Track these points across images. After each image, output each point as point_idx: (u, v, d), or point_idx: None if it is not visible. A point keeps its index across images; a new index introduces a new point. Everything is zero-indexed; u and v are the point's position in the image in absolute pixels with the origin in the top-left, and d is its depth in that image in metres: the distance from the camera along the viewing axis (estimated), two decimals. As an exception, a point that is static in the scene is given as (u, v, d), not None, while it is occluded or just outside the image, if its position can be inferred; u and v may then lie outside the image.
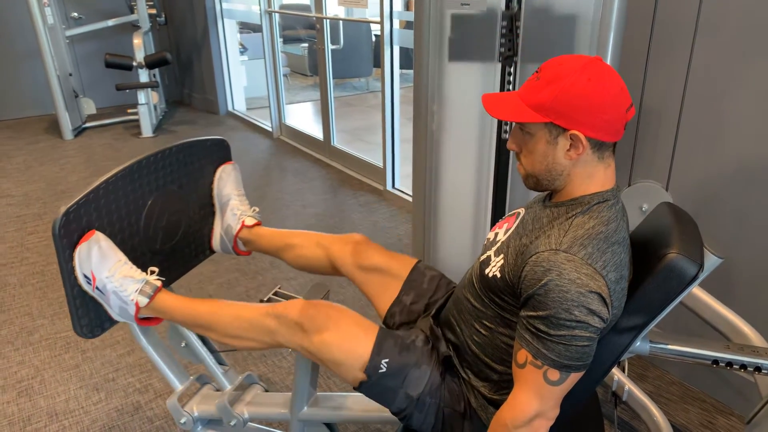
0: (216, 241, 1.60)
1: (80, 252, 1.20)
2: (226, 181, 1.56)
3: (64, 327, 2.28)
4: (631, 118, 0.95)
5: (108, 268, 1.22)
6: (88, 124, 5.18)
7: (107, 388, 1.95)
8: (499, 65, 1.63)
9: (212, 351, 1.55)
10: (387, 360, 1.08)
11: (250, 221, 1.53)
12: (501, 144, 1.71)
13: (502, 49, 1.61)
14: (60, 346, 2.16)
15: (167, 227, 1.43)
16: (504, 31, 1.59)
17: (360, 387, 1.10)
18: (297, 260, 1.46)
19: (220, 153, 1.57)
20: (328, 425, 1.46)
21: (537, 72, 0.94)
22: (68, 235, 1.18)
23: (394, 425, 1.42)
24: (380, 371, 1.07)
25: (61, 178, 3.94)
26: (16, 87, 5.46)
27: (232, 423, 1.48)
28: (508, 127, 1.68)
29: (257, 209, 1.57)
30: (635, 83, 1.81)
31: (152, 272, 1.30)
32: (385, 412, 1.36)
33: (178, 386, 1.53)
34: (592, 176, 0.96)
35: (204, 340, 1.54)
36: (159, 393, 1.92)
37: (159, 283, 1.27)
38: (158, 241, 1.41)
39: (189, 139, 1.46)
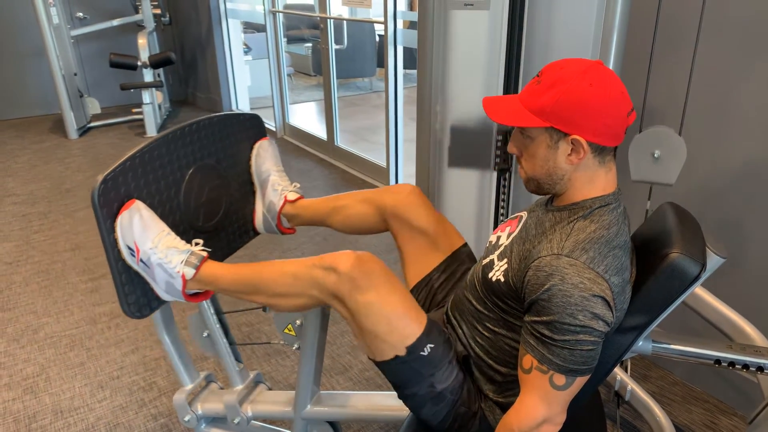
0: (259, 221, 1.55)
1: (122, 221, 1.15)
2: (264, 157, 1.52)
3: (69, 325, 2.30)
4: (632, 122, 0.95)
5: (151, 239, 1.16)
6: (92, 124, 5.20)
7: (112, 385, 1.96)
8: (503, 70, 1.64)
9: (231, 343, 1.52)
10: (432, 346, 1.04)
11: (292, 195, 1.49)
12: (504, 145, 1.71)
13: (498, 160, 1.66)
14: (65, 344, 2.18)
15: (208, 204, 1.38)
16: (499, 144, 1.63)
17: (386, 362, 1.04)
18: (346, 221, 1.41)
19: (255, 129, 1.52)
20: (332, 423, 1.47)
21: (538, 76, 0.95)
22: (107, 204, 1.13)
23: (398, 423, 1.43)
24: (421, 353, 1.03)
25: (66, 177, 3.96)
26: (21, 86, 5.48)
27: (236, 421, 1.49)
28: (499, 152, 1.70)
29: (298, 185, 1.53)
30: (639, 85, 1.81)
31: (197, 244, 1.24)
32: (388, 411, 1.37)
33: (188, 383, 1.53)
34: (594, 180, 0.96)
35: (226, 331, 1.51)
36: (163, 391, 1.93)
37: (205, 254, 1.21)
38: (200, 218, 1.36)
39: (222, 113, 1.43)
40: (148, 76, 4.86)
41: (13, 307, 2.43)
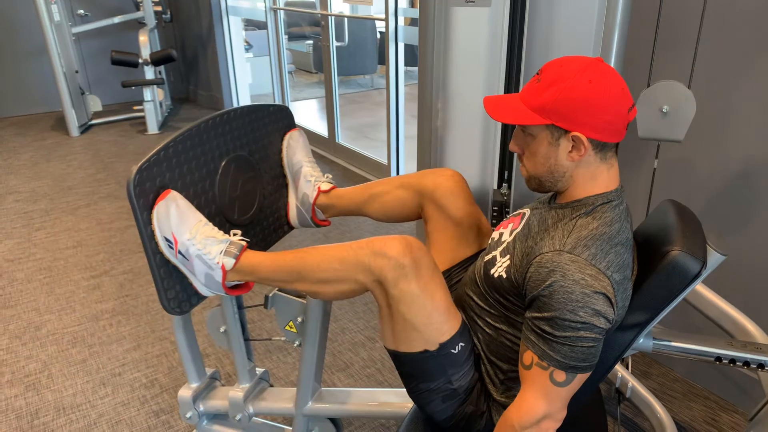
0: (293, 215, 1.52)
1: (158, 212, 1.12)
2: (295, 149, 1.49)
3: (71, 322, 2.30)
4: (632, 118, 0.95)
5: (189, 230, 1.13)
6: (94, 121, 5.20)
7: (114, 382, 1.96)
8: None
9: (247, 339, 1.51)
10: (463, 345, 1.03)
11: (326, 186, 1.46)
12: (505, 142, 1.71)
13: (494, 221, 1.66)
14: (67, 341, 2.18)
15: (243, 197, 1.37)
16: (495, 213, 1.64)
17: (412, 354, 1.02)
18: (383, 208, 1.37)
19: (285, 120, 1.49)
20: (333, 420, 1.47)
21: (538, 74, 0.95)
22: (144, 195, 1.10)
23: (398, 420, 1.43)
24: (451, 351, 1.02)
25: (68, 175, 3.96)
26: (22, 84, 5.49)
27: (238, 418, 1.50)
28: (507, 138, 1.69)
29: (330, 176, 1.50)
30: (640, 82, 1.81)
31: (235, 234, 1.20)
32: (389, 407, 1.37)
33: (195, 382, 1.53)
34: (595, 177, 0.96)
35: (243, 327, 1.49)
36: (165, 388, 1.93)
37: (244, 243, 1.17)
38: (235, 212, 1.34)
39: (252, 104, 1.41)
40: (149, 73, 4.86)
41: (15, 304, 2.43)
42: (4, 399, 1.89)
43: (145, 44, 4.84)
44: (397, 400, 1.38)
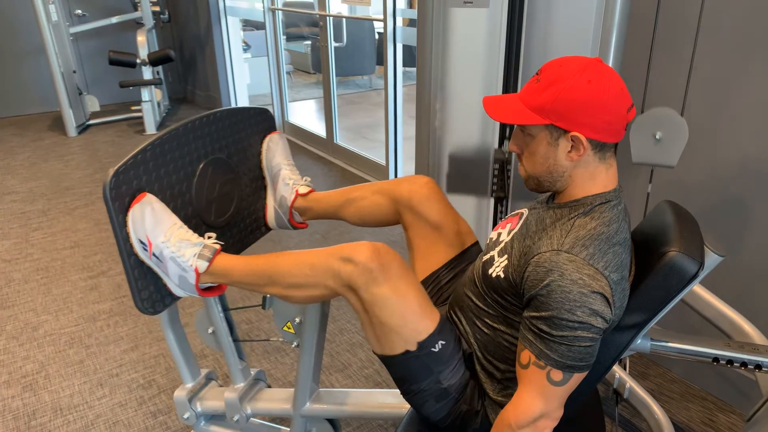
0: (270, 217, 1.55)
1: (133, 215, 1.14)
2: (275, 151, 1.51)
3: (68, 323, 2.30)
4: (632, 118, 0.95)
5: (164, 232, 1.15)
6: (91, 121, 5.19)
7: (111, 383, 1.96)
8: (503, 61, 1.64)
9: (235, 340, 1.52)
10: (444, 343, 1.04)
11: (304, 189, 1.48)
12: (503, 142, 1.71)
13: (495, 188, 1.66)
14: (64, 342, 2.18)
15: (220, 199, 1.38)
16: (496, 172, 1.63)
17: (395, 356, 1.04)
18: (359, 213, 1.40)
19: (265, 123, 1.51)
20: (331, 421, 1.47)
21: (537, 74, 0.95)
22: (119, 198, 1.12)
23: (396, 421, 1.43)
24: (432, 350, 1.03)
25: (65, 175, 3.96)
26: (20, 84, 5.48)
27: (235, 418, 1.49)
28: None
29: (309, 178, 1.52)
30: (638, 82, 1.81)
31: (209, 237, 1.22)
32: (387, 408, 1.37)
33: (190, 381, 1.53)
34: (594, 177, 0.96)
35: (231, 328, 1.51)
36: (162, 388, 1.93)
37: (218, 246, 1.19)
38: (212, 214, 1.36)
39: (233, 107, 1.43)
40: (147, 73, 4.85)
41: (12, 305, 2.43)
42: (1, 400, 1.89)
43: (143, 44, 4.83)
44: (394, 401, 1.38)
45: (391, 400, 1.38)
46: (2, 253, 2.88)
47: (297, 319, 1.36)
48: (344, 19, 6.67)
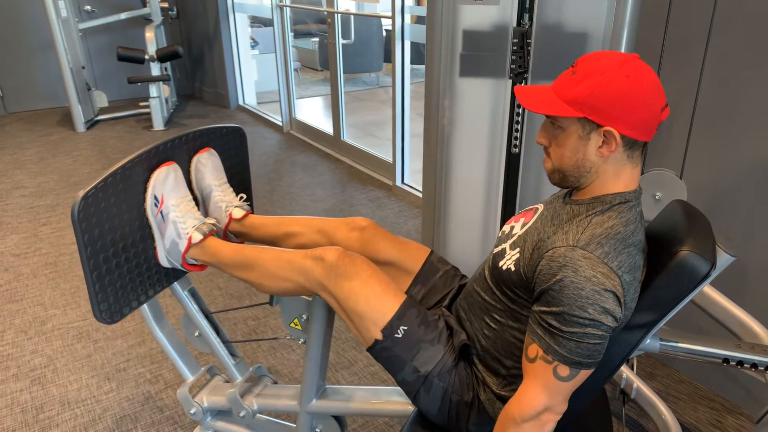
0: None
1: (158, 174, 1.28)
2: (204, 173, 1.42)
3: (77, 317, 2.31)
4: (665, 118, 0.93)
5: (176, 198, 1.30)
6: (100, 117, 5.22)
7: (118, 377, 1.97)
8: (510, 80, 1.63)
9: (225, 341, 1.55)
10: (405, 328, 1.08)
11: (238, 213, 1.42)
12: (511, 139, 1.70)
13: (513, 66, 1.62)
14: (72, 336, 2.19)
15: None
16: (515, 48, 1.59)
17: (372, 347, 1.10)
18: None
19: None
20: (337, 418, 1.47)
21: (573, 66, 0.93)
22: (87, 219, 1.19)
23: (402, 419, 1.43)
24: (395, 336, 1.08)
25: (74, 170, 3.98)
26: (29, 80, 5.51)
27: (242, 414, 1.50)
28: (517, 141, 1.68)
29: (244, 196, 1.48)
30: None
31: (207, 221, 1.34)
32: (393, 406, 1.37)
33: (189, 377, 1.54)
34: (619, 175, 0.95)
35: (217, 330, 1.55)
36: (169, 383, 1.94)
37: (214, 228, 1.33)
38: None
39: (203, 127, 1.43)
40: (155, 69, 4.87)
41: (20, 299, 2.44)
42: (10, 393, 1.90)
43: (152, 40, 4.85)
44: (400, 398, 1.37)
45: (397, 398, 1.38)
46: (11, 247, 2.90)
47: (304, 316, 1.36)
48: (352, 16, 6.66)
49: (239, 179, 1.58)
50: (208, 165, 1.43)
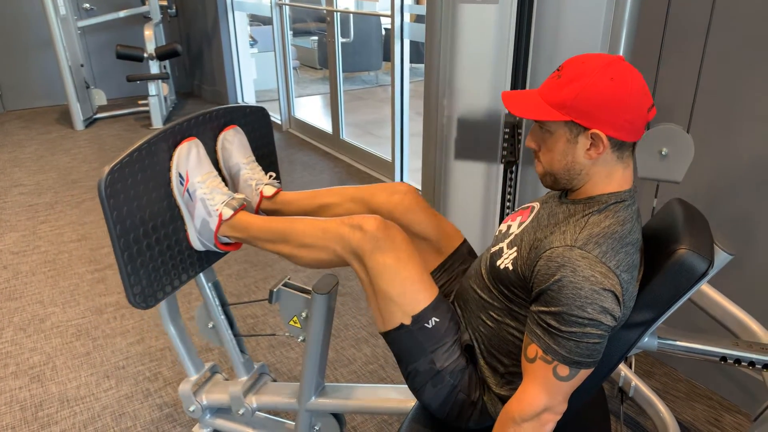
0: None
1: (180, 151, 1.24)
2: (231, 151, 1.39)
3: (75, 315, 2.31)
4: (652, 118, 0.94)
5: (201, 174, 1.26)
6: (99, 115, 5.21)
7: (117, 375, 1.97)
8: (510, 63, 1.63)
9: (236, 335, 1.53)
10: (437, 320, 1.06)
11: (268, 190, 1.39)
12: (511, 138, 1.71)
13: (505, 153, 1.65)
14: (71, 334, 2.19)
15: None
16: (506, 136, 1.62)
17: (395, 330, 1.07)
18: None
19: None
20: (336, 415, 1.47)
21: (558, 70, 0.94)
22: (114, 195, 1.15)
23: (401, 416, 1.44)
24: (425, 325, 1.06)
25: (73, 168, 3.97)
26: (28, 77, 5.50)
27: (241, 412, 1.50)
28: (506, 144, 1.69)
29: (273, 174, 1.43)
30: (648, 80, 1.80)
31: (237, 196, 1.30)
32: (392, 403, 1.37)
33: (193, 374, 1.54)
34: (611, 176, 0.95)
35: (231, 324, 1.52)
36: (168, 381, 1.94)
37: (244, 203, 1.29)
38: None
39: (228, 105, 1.39)
40: (154, 67, 4.86)
41: (19, 297, 2.44)
42: (9, 390, 1.90)
43: (150, 39, 4.84)
44: (400, 396, 1.38)
45: (395, 396, 1.39)
46: (10, 245, 2.90)
47: (303, 314, 1.36)
48: (351, 15, 6.66)
49: (266, 159, 1.53)
50: (234, 142, 1.40)
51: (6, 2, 5.19)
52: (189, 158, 1.25)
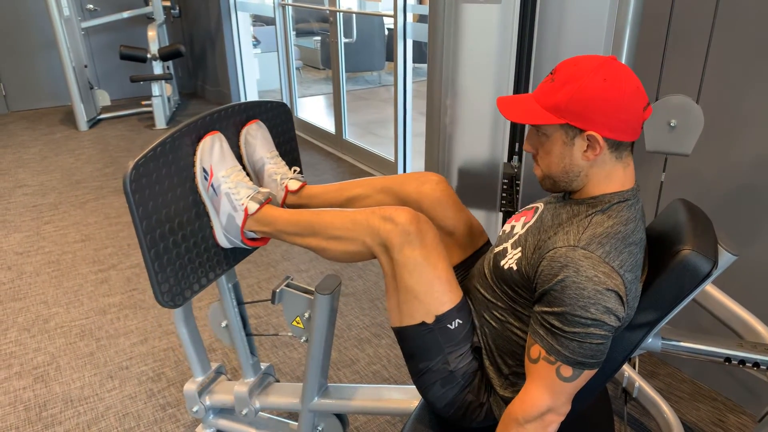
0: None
1: (204, 145, 1.23)
2: (254, 145, 1.38)
3: (79, 315, 2.32)
4: (648, 117, 0.94)
5: (225, 168, 1.24)
6: (102, 116, 5.22)
7: (121, 375, 1.98)
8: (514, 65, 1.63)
9: (248, 335, 1.52)
10: (460, 322, 1.05)
11: (294, 184, 1.36)
12: (512, 157, 1.70)
13: (503, 201, 1.65)
14: (75, 334, 2.20)
15: None
16: (505, 186, 1.62)
17: (411, 327, 1.06)
18: None
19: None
20: (338, 416, 1.47)
21: (552, 73, 0.94)
22: (140, 190, 1.14)
23: (404, 417, 1.43)
24: (447, 326, 1.05)
25: (76, 169, 3.98)
26: (32, 78, 5.52)
27: (244, 412, 1.50)
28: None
29: (297, 169, 1.41)
30: (651, 81, 1.80)
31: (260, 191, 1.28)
32: (395, 404, 1.37)
33: (200, 375, 1.54)
34: (611, 176, 0.95)
35: (244, 322, 1.51)
36: (171, 381, 1.94)
37: (270, 197, 1.25)
38: None
39: (250, 100, 1.38)
40: (157, 68, 4.87)
41: (23, 297, 2.45)
42: (13, 391, 1.91)
43: (154, 39, 4.85)
44: (402, 396, 1.38)
45: (398, 396, 1.38)
46: (14, 245, 2.91)
47: (306, 314, 1.36)
48: (354, 15, 6.66)
49: (289, 155, 1.52)
50: (258, 137, 1.38)
51: (10, 3, 5.20)
52: (213, 152, 1.23)
